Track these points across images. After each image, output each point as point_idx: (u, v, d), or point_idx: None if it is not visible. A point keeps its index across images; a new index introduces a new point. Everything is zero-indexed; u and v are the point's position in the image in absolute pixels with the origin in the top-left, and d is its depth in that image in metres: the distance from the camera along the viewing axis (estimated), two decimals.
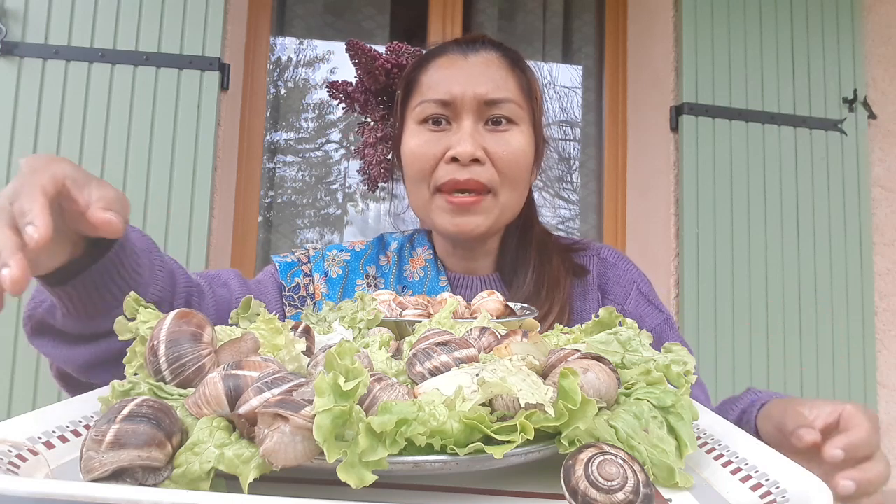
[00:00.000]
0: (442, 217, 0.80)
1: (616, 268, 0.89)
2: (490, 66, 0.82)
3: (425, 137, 0.80)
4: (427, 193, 0.81)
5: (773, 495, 0.34)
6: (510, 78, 0.82)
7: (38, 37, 1.74)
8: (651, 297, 0.88)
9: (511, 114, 0.80)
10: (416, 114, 0.82)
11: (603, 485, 0.31)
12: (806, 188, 2.13)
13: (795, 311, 2.08)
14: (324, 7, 2.31)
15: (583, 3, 2.46)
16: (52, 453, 0.37)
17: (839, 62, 2.20)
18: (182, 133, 1.78)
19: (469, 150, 0.76)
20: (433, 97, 0.80)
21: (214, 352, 0.43)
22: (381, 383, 0.37)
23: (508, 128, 0.80)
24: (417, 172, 0.81)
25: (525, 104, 0.83)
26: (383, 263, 0.91)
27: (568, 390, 0.35)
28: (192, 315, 0.42)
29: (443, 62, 0.83)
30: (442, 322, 0.57)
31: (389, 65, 0.88)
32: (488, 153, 0.79)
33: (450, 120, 0.80)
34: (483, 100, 0.79)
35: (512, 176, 0.80)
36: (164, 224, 1.75)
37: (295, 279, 0.87)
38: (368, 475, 0.30)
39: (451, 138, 0.79)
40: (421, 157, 0.80)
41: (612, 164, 2.38)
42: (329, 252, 0.90)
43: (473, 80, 0.79)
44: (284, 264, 0.88)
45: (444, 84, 0.80)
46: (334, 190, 2.34)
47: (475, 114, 0.79)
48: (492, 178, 0.79)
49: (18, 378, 1.65)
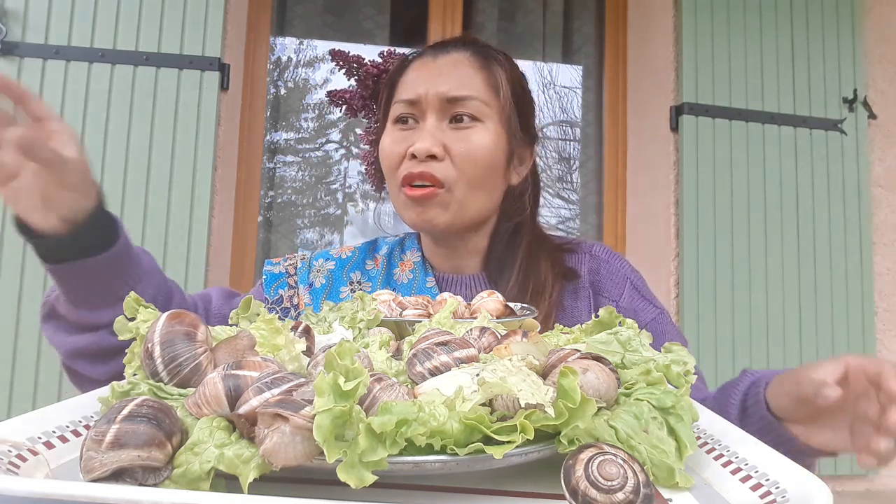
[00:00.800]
0: (405, 211, 0.83)
1: (608, 264, 0.89)
2: (457, 65, 0.84)
3: (394, 136, 0.83)
4: (395, 189, 0.84)
5: (773, 495, 0.34)
6: (477, 76, 0.83)
7: (38, 37, 1.74)
8: (644, 292, 0.89)
9: (475, 111, 0.81)
10: (391, 114, 0.85)
11: (603, 485, 0.31)
12: (806, 188, 2.13)
13: (795, 311, 2.08)
14: (324, 7, 2.31)
15: (583, 3, 2.46)
16: (52, 453, 0.37)
17: (839, 62, 2.20)
18: (182, 133, 1.78)
19: (425, 146, 0.79)
20: (402, 97, 0.83)
21: (210, 350, 0.43)
22: (381, 383, 0.37)
23: (471, 125, 0.81)
24: (387, 169, 0.84)
25: (493, 101, 0.83)
26: (370, 268, 0.92)
27: (567, 389, 0.35)
28: (183, 315, 0.42)
29: (416, 64, 0.86)
30: (442, 322, 0.57)
31: (377, 71, 0.91)
32: (448, 150, 0.80)
33: (417, 119, 0.83)
34: (445, 97, 0.81)
35: (470, 173, 0.81)
36: (164, 224, 1.75)
37: (279, 291, 0.89)
38: (368, 475, 0.30)
39: (414, 136, 0.81)
40: (389, 154, 0.83)
41: (612, 164, 2.38)
42: (315, 262, 0.92)
43: (437, 80, 0.82)
44: (270, 276, 0.90)
45: (412, 84, 0.83)
46: (334, 190, 2.34)
47: (438, 112, 0.81)
48: (447, 174, 0.80)
49: (18, 378, 1.65)
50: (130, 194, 1.74)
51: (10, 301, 1.66)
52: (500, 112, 0.84)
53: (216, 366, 0.42)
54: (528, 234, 0.90)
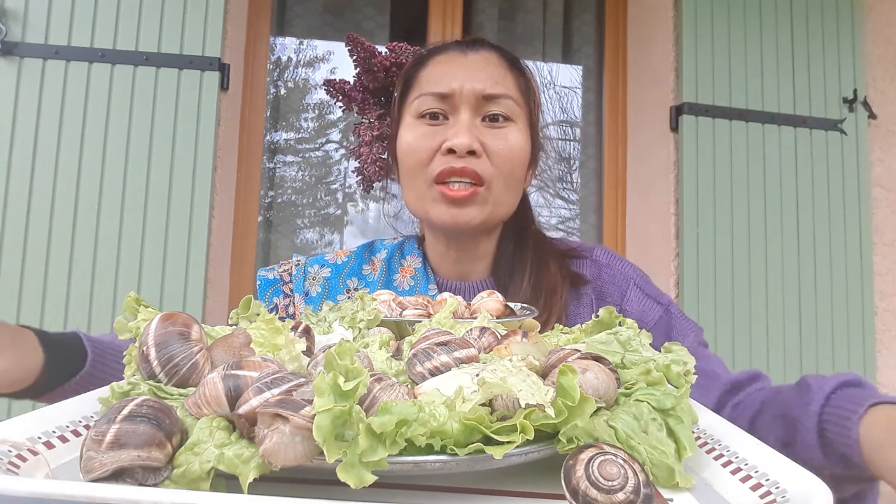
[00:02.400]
0: (437, 209, 0.80)
1: (610, 268, 0.88)
2: (489, 63, 0.82)
3: (422, 131, 0.80)
4: (423, 186, 0.80)
5: (773, 495, 0.34)
6: (509, 76, 0.82)
7: (38, 37, 1.74)
8: (648, 290, 0.87)
9: (509, 111, 0.80)
10: (413, 108, 0.82)
11: (604, 485, 0.31)
12: (806, 188, 2.13)
13: (795, 311, 2.08)
14: (324, 7, 2.31)
15: (583, 3, 2.46)
16: (52, 453, 0.37)
17: (839, 62, 2.20)
18: (182, 133, 1.78)
19: (466, 141, 0.76)
20: (432, 90, 0.80)
21: (206, 348, 0.42)
22: (381, 383, 0.37)
23: (505, 125, 0.80)
24: (414, 165, 0.80)
25: (523, 103, 0.83)
26: (367, 273, 0.90)
27: (566, 387, 0.35)
28: (176, 315, 0.42)
29: (442, 59, 0.83)
30: (442, 322, 0.57)
31: (389, 62, 0.88)
32: (485, 147, 0.78)
33: (447, 115, 0.80)
34: (482, 94, 0.79)
35: (507, 171, 0.80)
36: (164, 224, 1.75)
37: (273, 299, 0.87)
38: (368, 475, 0.30)
39: (447, 131, 0.79)
40: (417, 149, 0.80)
41: (612, 164, 2.38)
42: (311, 268, 0.89)
43: (472, 76, 0.79)
44: (265, 282, 0.88)
45: (443, 78, 0.80)
46: (334, 190, 2.34)
47: (473, 108, 0.79)
48: (486, 170, 0.78)
49: None
50: (130, 194, 1.74)
51: (10, 301, 1.66)
52: (527, 115, 0.83)
53: (213, 364, 0.42)
54: (533, 237, 0.89)
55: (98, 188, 1.72)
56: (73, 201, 1.71)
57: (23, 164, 1.70)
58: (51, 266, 1.69)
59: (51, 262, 1.69)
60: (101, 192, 1.72)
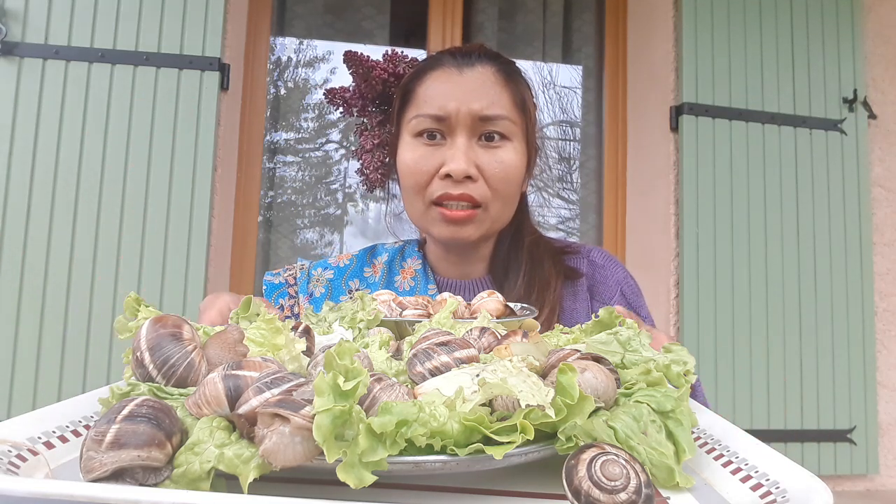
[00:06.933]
0: (437, 227, 0.83)
1: (603, 269, 0.91)
2: (485, 81, 0.82)
3: (420, 152, 0.82)
4: (422, 206, 0.83)
5: (773, 495, 0.34)
6: (504, 93, 0.83)
7: (38, 37, 1.74)
8: (633, 301, 0.89)
9: (504, 130, 0.82)
10: (411, 127, 0.83)
11: (606, 485, 0.31)
12: (806, 188, 2.13)
13: (795, 311, 2.08)
14: (324, 7, 2.31)
15: (583, 3, 2.46)
16: (52, 453, 0.37)
17: (839, 62, 2.20)
18: (182, 133, 1.78)
19: (462, 167, 0.78)
20: (428, 112, 0.81)
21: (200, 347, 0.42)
22: (381, 383, 0.37)
23: (501, 144, 0.82)
24: (413, 186, 0.83)
25: (518, 119, 0.84)
26: (368, 275, 0.92)
27: (565, 386, 0.35)
28: (165, 318, 0.42)
29: (438, 75, 0.84)
30: (442, 322, 0.57)
31: (386, 74, 0.90)
32: (480, 169, 0.80)
33: (444, 135, 0.82)
34: (478, 116, 0.80)
35: (503, 191, 0.82)
36: (164, 224, 1.75)
37: (279, 301, 0.89)
38: (368, 475, 0.30)
39: (445, 153, 0.80)
40: (416, 171, 0.82)
41: (612, 164, 2.38)
42: (314, 271, 0.92)
43: (468, 97, 0.80)
44: (270, 286, 0.91)
45: (438, 99, 0.81)
46: (334, 190, 2.34)
47: (469, 130, 0.81)
48: (483, 194, 0.81)
49: (18, 378, 1.65)
50: (130, 194, 1.74)
51: (10, 301, 1.66)
52: (523, 128, 0.84)
53: (209, 361, 0.42)
54: (528, 235, 0.91)
55: (98, 188, 1.72)
56: (73, 201, 1.71)
57: (23, 164, 1.70)
58: (51, 266, 1.69)
59: (51, 262, 1.69)
60: (101, 192, 1.72)
